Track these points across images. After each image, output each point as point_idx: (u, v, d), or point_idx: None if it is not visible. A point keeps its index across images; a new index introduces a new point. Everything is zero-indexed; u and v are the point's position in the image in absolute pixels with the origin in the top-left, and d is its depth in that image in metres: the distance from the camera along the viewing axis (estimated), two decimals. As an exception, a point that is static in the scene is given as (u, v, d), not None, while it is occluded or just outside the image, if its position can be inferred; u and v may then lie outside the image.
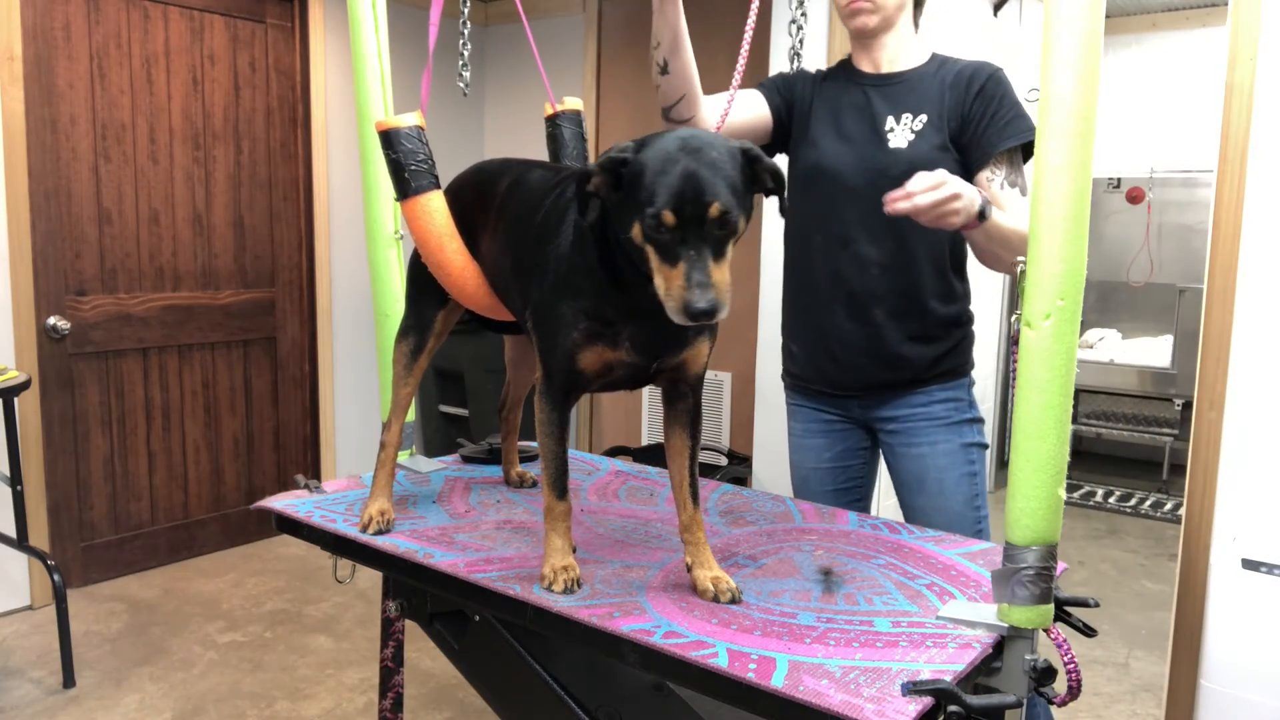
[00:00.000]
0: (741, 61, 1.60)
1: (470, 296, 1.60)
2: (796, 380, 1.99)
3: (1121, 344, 5.27)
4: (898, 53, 1.85)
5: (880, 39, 1.84)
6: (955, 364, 1.87)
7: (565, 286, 1.28)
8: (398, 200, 1.60)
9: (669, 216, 1.11)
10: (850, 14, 1.81)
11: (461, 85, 2.10)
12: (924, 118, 1.78)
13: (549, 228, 1.34)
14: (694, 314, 1.10)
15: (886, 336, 1.82)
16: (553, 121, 1.78)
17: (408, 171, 1.57)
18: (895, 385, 1.85)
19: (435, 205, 1.58)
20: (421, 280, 1.66)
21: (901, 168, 1.70)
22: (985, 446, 1.88)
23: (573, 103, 1.79)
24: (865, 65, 1.88)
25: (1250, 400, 2.16)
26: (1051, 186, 1.07)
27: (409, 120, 1.59)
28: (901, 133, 1.78)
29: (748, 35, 1.60)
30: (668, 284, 1.12)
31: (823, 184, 1.83)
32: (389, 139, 1.58)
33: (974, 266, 1.87)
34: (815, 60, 3.22)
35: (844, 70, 1.92)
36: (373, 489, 1.64)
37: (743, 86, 1.78)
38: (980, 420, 1.89)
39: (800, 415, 1.99)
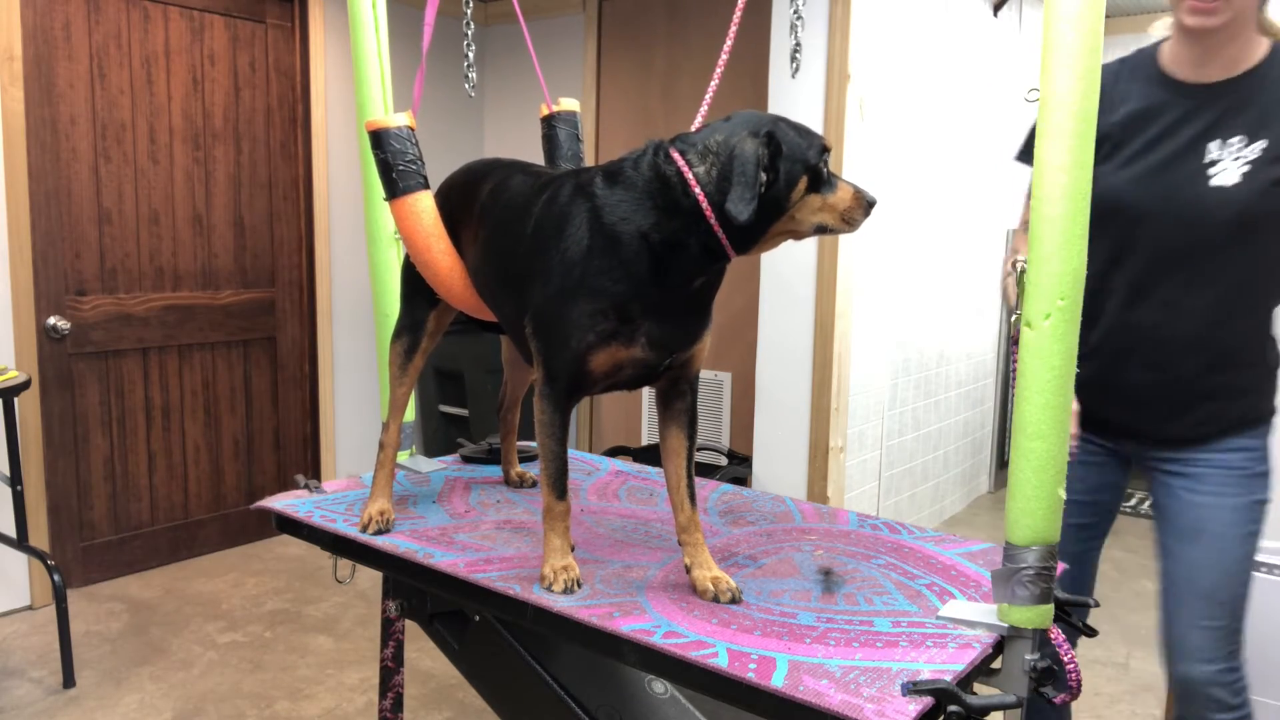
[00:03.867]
0: (718, 70, 1.58)
1: (458, 297, 1.59)
2: None
3: (1121, 344, 5.27)
4: (1236, 57, 1.46)
5: (1216, 39, 1.45)
6: (1260, 412, 1.64)
7: (579, 289, 1.27)
8: (386, 199, 1.61)
9: (829, 143, 1.29)
10: (1188, 11, 1.43)
11: (468, 87, 2.10)
12: (1262, 144, 1.43)
13: (547, 233, 1.33)
14: (873, 202, 1.29)
15: (1191, 389, 1.60)
16: (548, 122, 1.78)
17: (395, 171, 1.58)
18: (1193, 439, 1.63)
19: (423, 205, 1.58)
20: (413, 280, 1.66)
21: (1230, 212, 1.43)
22: (1268, 501, 1.64)
23: (568, 104, 1.79)
24: (1184, 70, 1.50)
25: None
26: (1051, 186, 1.07)
27: (398, 120, 1.59)
28: (1229, 165, 1.44)
29: (727, 44, 1.59)
30: (839, 204, 1.28)
31: (1120, 222, 1.55)
32: (378, 139, 1.58)
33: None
34: (814, 62, 3.22)
35: (1151, 69, 1.54)
36: (372, 489, 1.64)
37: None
38: (1268, 473, 1.63)
39: None
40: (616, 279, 1.26)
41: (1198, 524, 1.63)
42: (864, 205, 1.27)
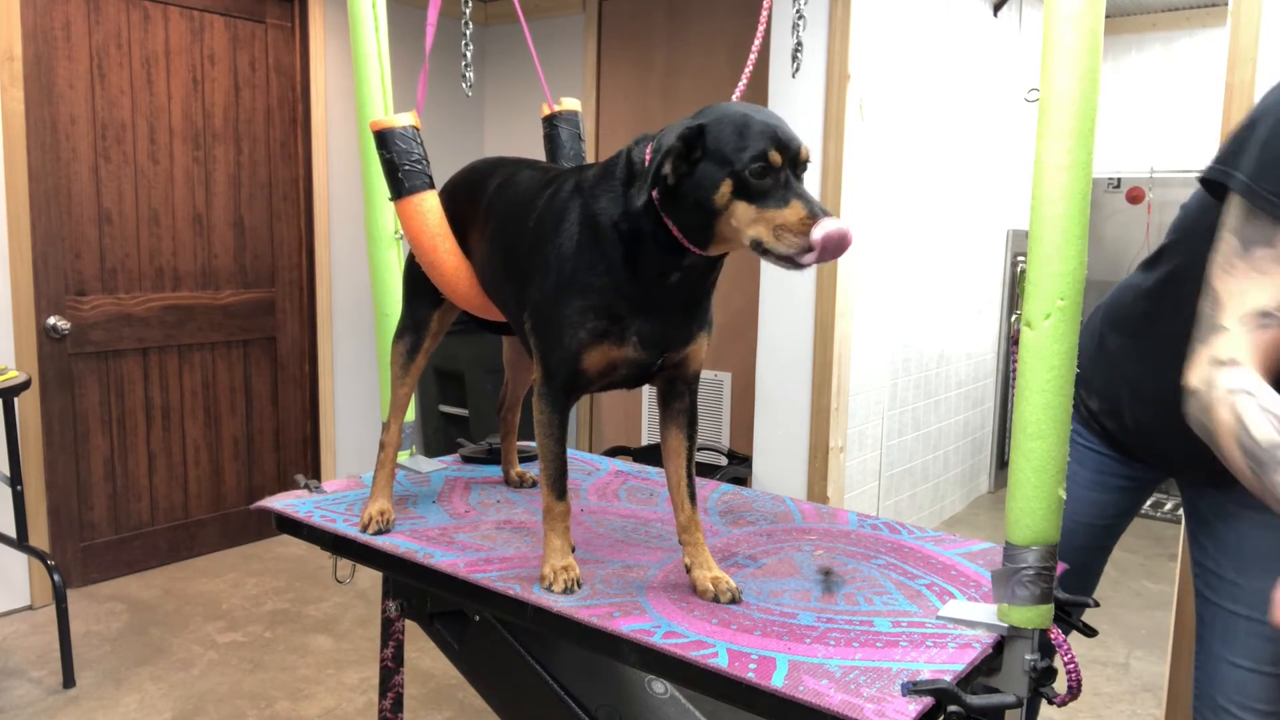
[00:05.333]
0: (743, 81, 1.55)
1: (463, 296, 1.60)
2: (1100, 427, 1.58)
3: (1121, 344, 5.26)
4: None
5: None
6: None
7: (571, 285, 1.28)
8: (392, 200, 1.61)
9: (776, 156, 1.14)
10: None
11: (465, 86, 2.10)
12: None
13: (546, 228, 1.33)
14: (837, 236, 1.10)
15: None
16: (550, 122, 1.78)
17: (401, 171, 1.57)
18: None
19: (429, 205, 1.58)
20: (417, 280, 1.66)
21: None
22: None
23: (570, 103, 1.79)
24: None
25: (1250, 400, 2.15)
26: (1051, 186, 1.07)
27: (404, 120, 1.59)
28: None
29: (752, 57, 1.58)
30: (782, 222, 1.13)
31: None
32: (383, 139, 1.58)
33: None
34: (814, 62, 3.22)
35: None
36: (373, 489, 1.64)
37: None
38: None
39: (1089, 461, 1.60)
40: (599, 273, 1.26)
41: (1273, 553, 1.40)
42: (808, 236, 1.10)
